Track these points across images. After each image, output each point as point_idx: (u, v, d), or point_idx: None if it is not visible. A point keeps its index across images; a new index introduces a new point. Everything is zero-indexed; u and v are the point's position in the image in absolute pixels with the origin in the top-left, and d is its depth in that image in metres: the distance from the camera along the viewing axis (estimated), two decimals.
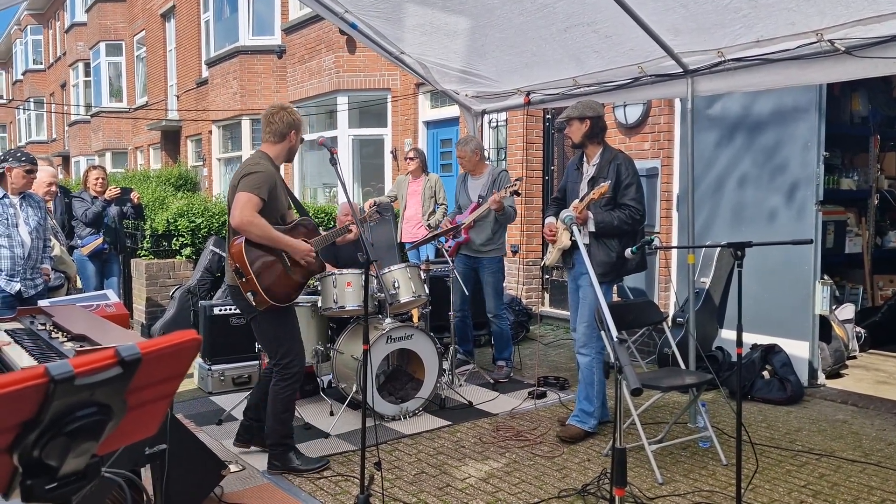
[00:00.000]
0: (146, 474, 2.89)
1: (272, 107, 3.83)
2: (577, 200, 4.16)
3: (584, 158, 4.32)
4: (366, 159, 11.77)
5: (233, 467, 3.76)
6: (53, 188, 5.94)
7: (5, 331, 2.67)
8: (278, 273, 3.65)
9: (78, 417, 0.79)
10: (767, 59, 4.04)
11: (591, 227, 4.08)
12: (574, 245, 4.21)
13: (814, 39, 3.75)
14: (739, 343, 3.06)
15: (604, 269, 4.08)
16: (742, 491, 3.05)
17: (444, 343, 5.41)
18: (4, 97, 35.44)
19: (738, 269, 3.05)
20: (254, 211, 3.53)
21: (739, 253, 3.00)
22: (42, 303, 4.04)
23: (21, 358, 2.28)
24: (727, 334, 5.60)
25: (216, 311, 5.44)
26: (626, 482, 2.17)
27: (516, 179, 5.40)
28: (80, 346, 2.40)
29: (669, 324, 5.40)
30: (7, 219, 4.33)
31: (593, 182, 4.14)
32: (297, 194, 12.70)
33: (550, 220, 4.37)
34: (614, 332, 1.98)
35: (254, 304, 3.60)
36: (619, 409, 2.08)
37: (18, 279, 4.36)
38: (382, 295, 4.69)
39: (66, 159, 26.06)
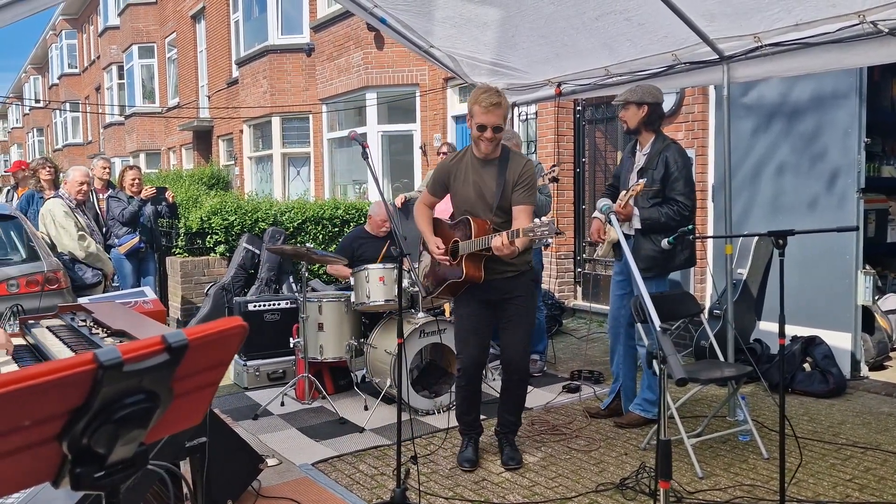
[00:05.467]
0: (185, 467, 2.92)
1: None
2: (623, 192, 4.09)
3: (638, 145, 4.26)
4: (395, 155, 11.78)
5: (270, 461, 3.79)
6: (85, 188, 6.03)
7: (47, 327, 2.71)
8: (428, 266, 3.87)
9: (126, 405, 0.79)
10: (807, 44, 3.93)
11: (637, 224, 4.02)
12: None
13: (856, 21, 3.64)
14: (782, 334, 2.98)
15: (648, 264, 4.00)
16: (785, 485, 2.98)
17: None
18: (42, 101, 36.23)
19: (779, 259, 2.98)
20: (421, 203, 3.87)
21: (781, 241, 2.93)
22: (82, 300, 4.11)
23: (62, 352, 2.32)
24: (766, 326, 5.49)
25: (251, 307, 5.48)
26: (671, 475, 2.13)
27: (553, 165, 5.31)
28: (120, 342, 2.42)
29: (706, 316, 5.31)
30: None
31: (642, 172, 4.08)
32: (326, 191, 12.81)
33: (596, 216, 4.30)
34: (657, 322, 1.94)
35: None
36: (662, 400, 2.04)
37: None
38: (415, 289, 4.69)
39: None
